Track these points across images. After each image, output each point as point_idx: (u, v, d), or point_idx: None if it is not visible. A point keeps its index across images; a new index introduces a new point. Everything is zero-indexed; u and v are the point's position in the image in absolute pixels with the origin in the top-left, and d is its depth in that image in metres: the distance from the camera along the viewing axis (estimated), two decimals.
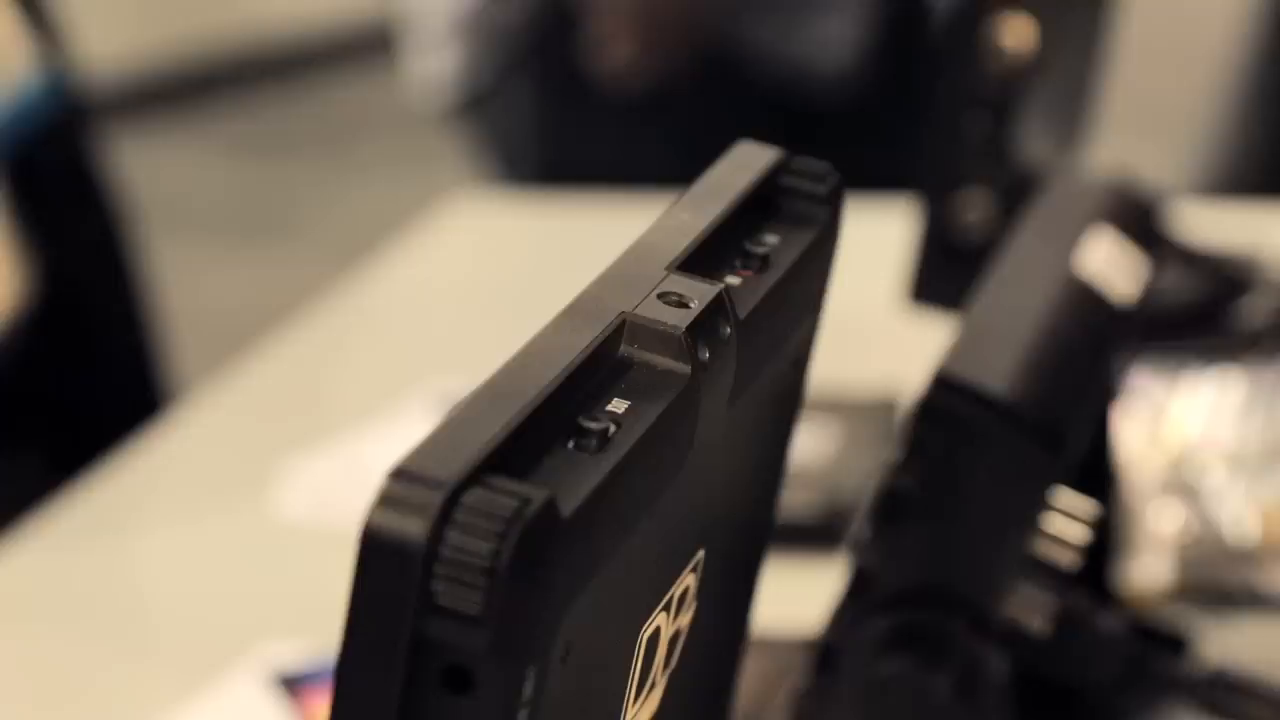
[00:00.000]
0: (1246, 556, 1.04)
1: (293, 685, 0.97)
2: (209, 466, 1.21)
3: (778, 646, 0.90)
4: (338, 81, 4.09)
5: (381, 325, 1.41)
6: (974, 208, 1.04)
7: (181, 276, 1.61)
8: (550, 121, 1.82)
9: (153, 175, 3.15)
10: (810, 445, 1.18)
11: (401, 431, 1.21)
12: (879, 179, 1.25)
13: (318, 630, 1.01)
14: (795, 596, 0.86)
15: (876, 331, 1.21)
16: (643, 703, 0.54)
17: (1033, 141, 1.10)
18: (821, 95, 1.78)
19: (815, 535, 1.09)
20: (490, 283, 1.47)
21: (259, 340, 1.40)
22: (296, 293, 1.75)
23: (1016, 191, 1.02)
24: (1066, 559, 0.77)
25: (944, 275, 1.04)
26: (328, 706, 0.95)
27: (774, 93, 1.78)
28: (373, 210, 3.23)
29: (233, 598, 1.07)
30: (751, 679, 0.95)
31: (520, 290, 1.42)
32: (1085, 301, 0.81)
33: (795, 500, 1.12)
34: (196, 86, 4.03)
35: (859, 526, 0.74)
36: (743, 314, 0.54)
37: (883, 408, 1.21)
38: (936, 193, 1.05)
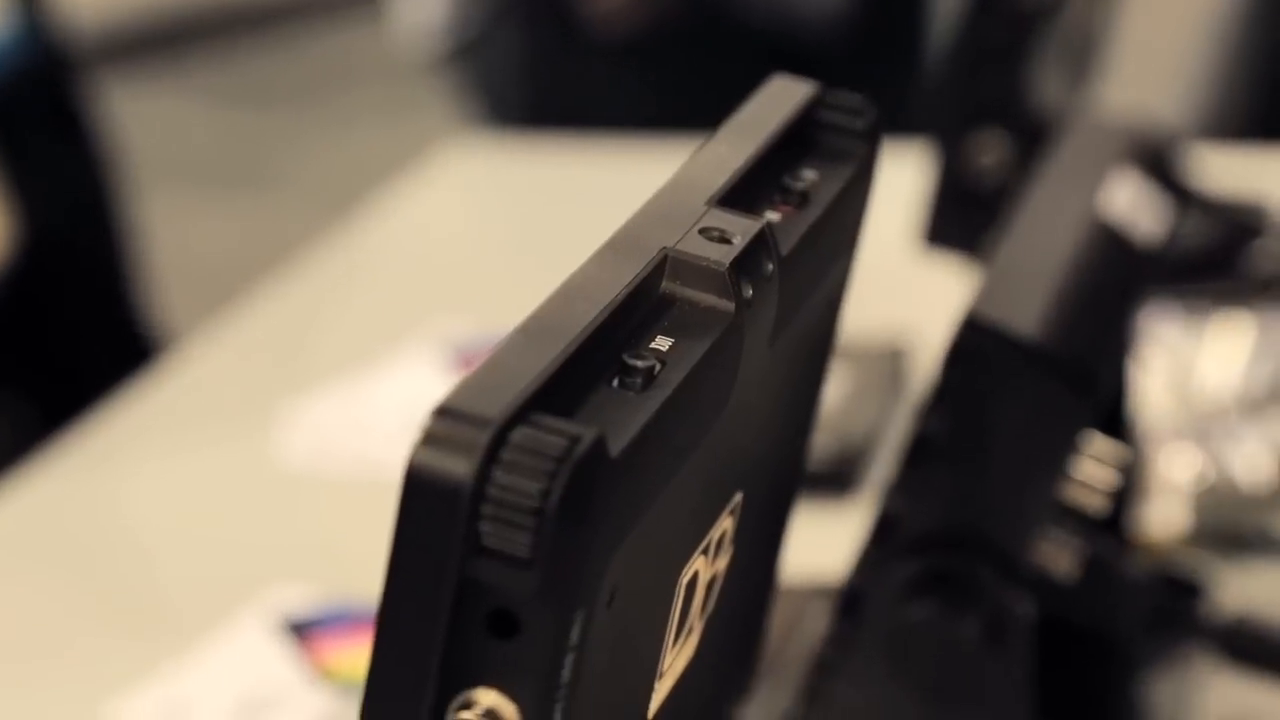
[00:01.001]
0: (1262, 501, 1.03)
1: (301, 631, 0.95)
2: (207, 411, 1.20)
3: (790, 593, 0.89)
4: (324, 29, 4.06)
5: (379, 271, 1.39)
6: (989, 151, 1.03)
7: (166, 226, 1.59)
8: (539, 67, 1.80)
9: (137, 125, 3.12)
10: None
11: (401, 376, 1.20)
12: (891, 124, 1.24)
13: (323, 575, 1.00)
14: (804, 543, 0.85)
15: (885, 277, 1.19)
16: (680, 648, 0.53)
17: (1046, 84, 1.08)
18: (811, 39, 1.76)
19: (824, 481, 1.08)
20: (486, 227, 1.45)
21: (248, 288, 1.39)
22: (283, 242, 1.74)
23: (1031, 134, 1.01)
24: (1094, 504, 0.75)
25: (958, 218, 1.03)
26: (340, 653, 0.94)
27: (763, 37, 1.76)
28: (359, 159, 3.21)
29: (235, 543, 1.06)
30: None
31: (516, 234, 1.40)
32: (1112, 244, 0.80)
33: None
34: (181, 35, 4.00)
35: (889, 471, 0.73)
36: (784, 250, 0.52)
37: (892, 354, 1.19)
38: (951, 136, 1.03)
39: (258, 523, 1.08)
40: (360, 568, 1.01)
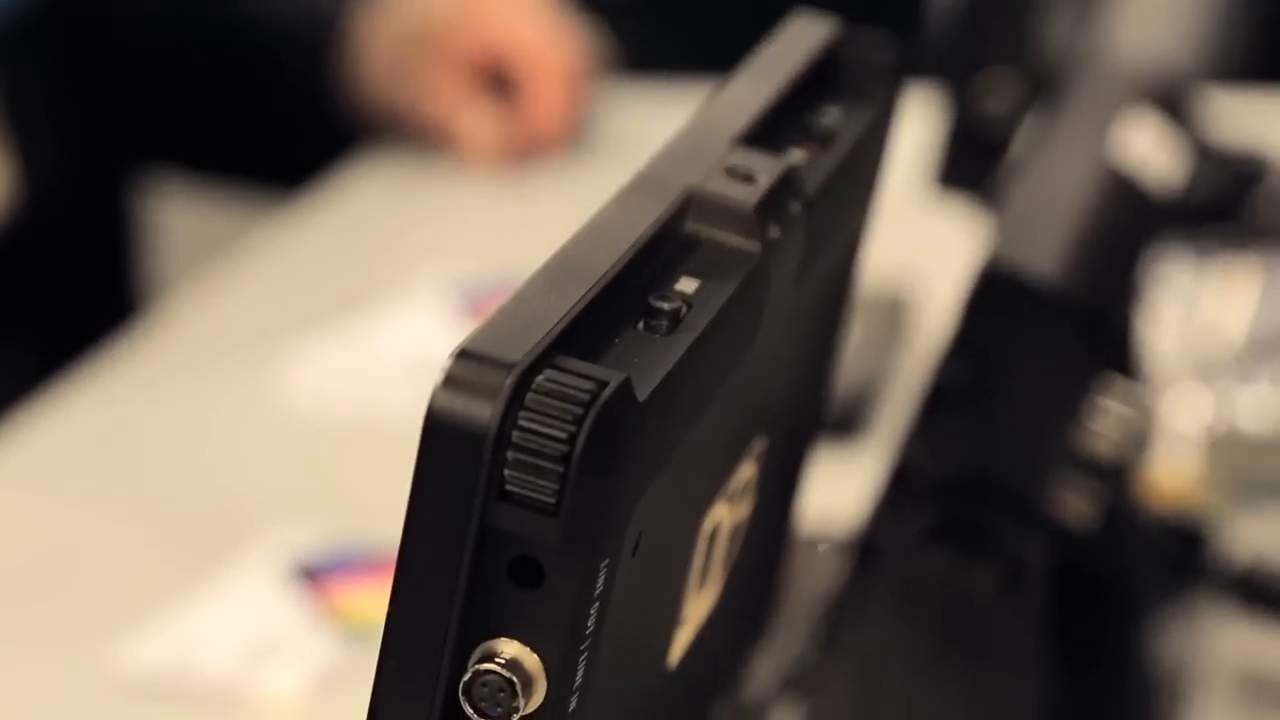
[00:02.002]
0: (1272, 448, 1.02)
1: (309, 574, 0.94)
2: (211, 355, 1.19)
3: (801, 541, 0.88)
4: None
5: (385, 212, 1.38)
6: (998, 92, 1.02)
7: (171, 181, 1.57)
8: None
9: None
10: None
11: (407, 318, 1.19)
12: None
13: (329, 518, 0.99)
14: (808, 488, 0.84)
15: (887, 224, 1.18)
16: (701, 596, 0.52)
17: (1054, 24, 1.07)
18: None
19: (828, 427, 1.07)
20: (495, 168, 1.43)
21: (250, 233, 1.37)
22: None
23: (1040, 75, 0.99)
24: (1109, 451, 0.74)
25: (968, 161, 1.01)
26: (349, 596, 0.93)
27: None
28: None
29: (241, 486, 1.05)
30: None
31: (526, 176, 1.39)
32: (1126, 190, 0.79)
33: None
34: None
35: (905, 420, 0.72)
36: (810, 190, 0.51)
37: (895, 301, 1.18)
38: (961, 78, 1.02)
39: (263, 466, 1.07)
40: (367, 511, 1.01)
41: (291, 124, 1.45)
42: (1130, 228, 0.78)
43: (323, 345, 1.16)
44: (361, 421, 1.09)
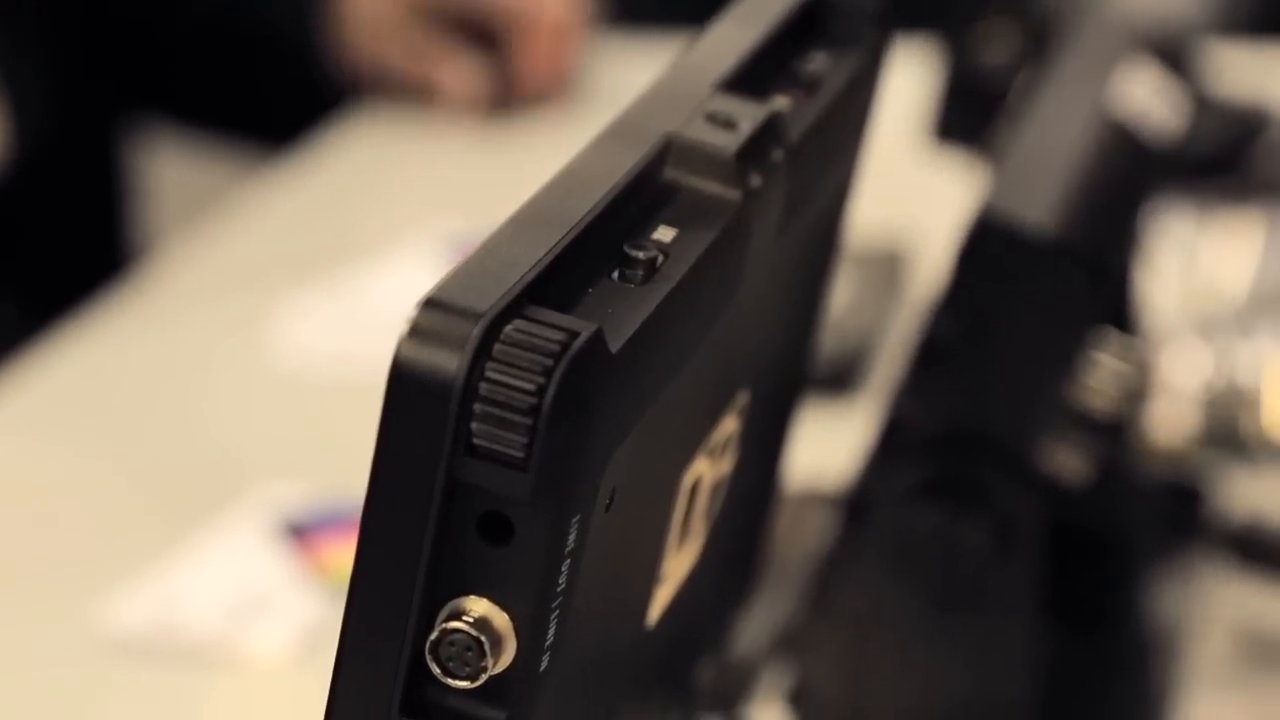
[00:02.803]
0: (1271, 406, 1.01)
1: (296, 530, 0.93)
2: (199, 310, 1.17)
3: (790, 497, 0.87)
4: None
5: (375, 168, 1.37)
6: (996, 43, 1.00)
7: (167, 138, 1.56)
8: None
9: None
10: None
11: (399, 273, 1.17)
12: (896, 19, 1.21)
13: (318, 475, 0.98)
14: (801, 444, 0.83)
15: (884, 178, 1.17)
16: (682, 553, 0.51)
17: None
18: None
19: (821, 383, 1.05)
20: (487, 121, 1.42)
21: (241, 188, 1.36)
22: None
23: (1039, 25, 0.98)
24: (1105, 407, 0.73)
25: (967, 113, 1.00)
26: (336, 553, 0.92)
27: None
28: None
29: (229, 442, 1.04)
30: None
31: (518, 133, 1.37)
32: (1123, 141, 0.78)
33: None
34: None
35: (897, 374, 0.71)
36: (793, 138, 0.50)
37: (891, 255, 1.17)
38: (959, 28, 1.00)
39: (252, 421, 1.06)
40: (355, 467, 0.98)
41: (280, 82, 1.44)
42: (1128, 178, 0.76)
43: (313, 300, 1.15)
44: (350, 377, 1.07)
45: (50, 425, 1.07)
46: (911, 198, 1.13)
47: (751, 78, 0.51)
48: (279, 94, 1.45)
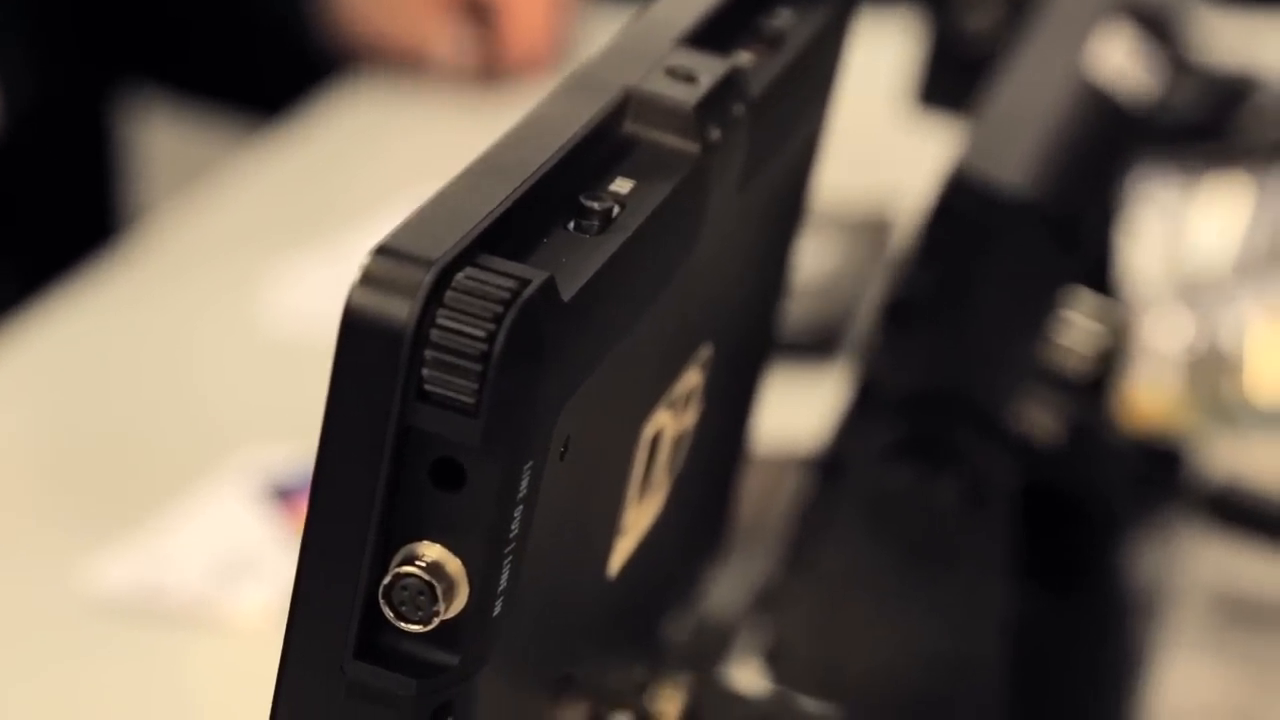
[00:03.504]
0: (1253, 371, 1.01)
1: (282, 494, 0.94)
2: (194, 274, 1.18)
3: (771, 461, 0.88)
4: None
5: (367, 136, 1.37)
6: (980, 9, 1.00)
7: (159, 112, 1.57)
8: None
9: None
10: (809, 260, 1.15)
11: None
12: None
13: (306, 438, 0.98)
14: (787, 409, 0.83)
15: (874, 145, 1.17)
16: (646, 504, 0.51)
17: None
18: None
19: (807, 349, 1.06)
20: (483, 90, 1.42)
21: (233, 156, 1.36)
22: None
23: None
24: (1078, 367, 0.74)
25: (950, 77, 1.00)
26: None
27: None
28: None
29: (219, 405, 1.04)
30: (746, 494, 0.93)
31: (508, 102, 1.38)
32: (1099, 102, 0.78)
33: (792, 315, 1.09)
34: None
35: (869, 334, 0.71)
36: (755, 93, 0.50)
37: (879, 221, 1.17)
38: None
39: (240, 385, 1.06)
40: None
41: (272, 51, 1.44)
42: (1103, 140, 0.76)
43: (304, 266, 1.15)
44: None
45: (41, 389, 1.07)
46: (897, 164, 1.13)
47: (714, 33, 0.51)
48: (271, 63, 1.45)
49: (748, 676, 0.74)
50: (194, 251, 1.21)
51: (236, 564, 0.90)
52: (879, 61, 1.13)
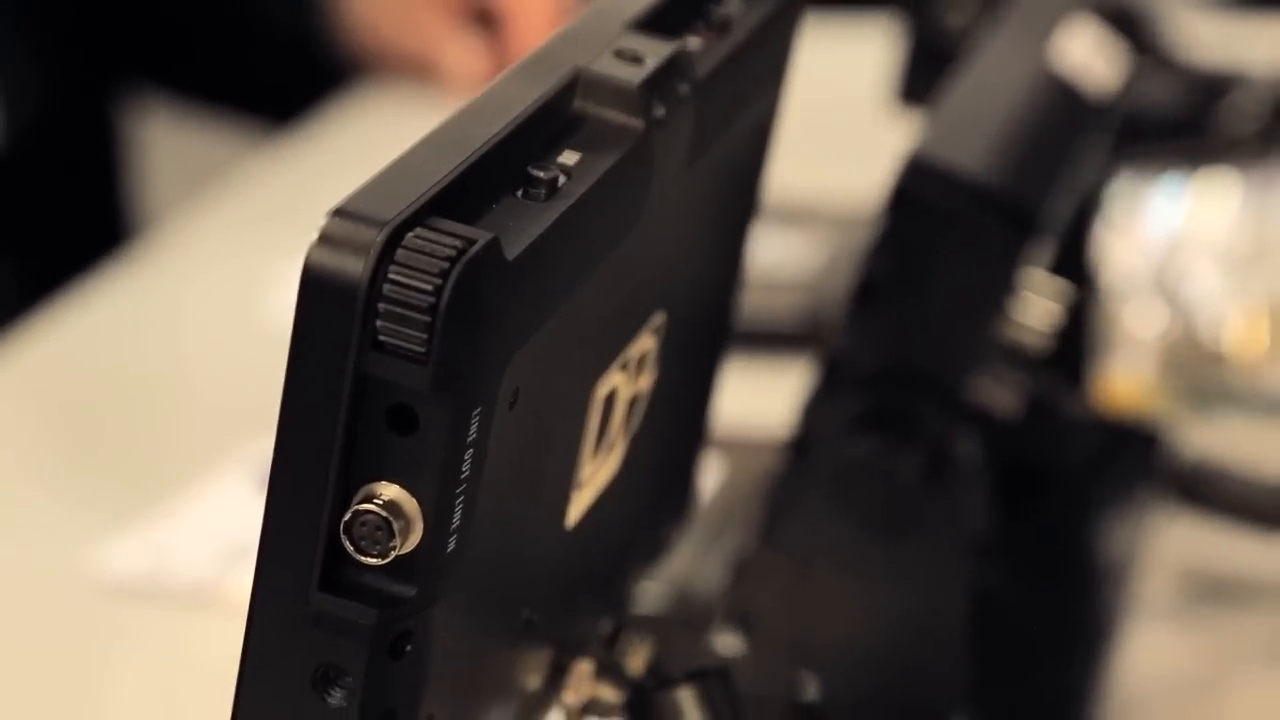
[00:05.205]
0: (1230, 358, 1.04)
1: None
2: (200, 277, 1.22)
3: (758, 448, 0.91)
4: None
5: (375, 145, 1.40)
6: (959, 7, 1.03)
7: (165, 118, 1.60)
8: None
9: None
10: (799, 254, 1.18)
11: None
12: None
13: None
14: (776, 399, 0.86)
15: (865, 144, 1.20)
16: (602, 461, 0.54)
17: None
18: None
19: (796, 340, 1.09)
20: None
21: (241, 162, 1.40)
22: None
23: None
24: (1036, 344, 0.77)
25: (931, 75, 1.03)
26: None
27: None
28: None
29: (223, 399, 1.08)
30: (732, 479, 0.96)
31: None
32: (1060, 93, 0.81)
33: (780, 307, 1.13)
34: None
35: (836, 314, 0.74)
36: (701, 74, 0.53)
37: (865, 218, 1.20)
38: None
39: (245, 381, 1.10)
40: None
41: (282, 60, 1.48)
42: (1060, 129, 0.80)
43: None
44: None
45: (52, 385, 1.11)
46: (881, 161, 1.17)
47: (664, 19, 0.54)
48: (280, 72, 1.48)
49: (723, 645, 0.77)
50: (201, 253, 1.25)
51: (240, 547, 0.94)
52: (862, 62, 1.16)
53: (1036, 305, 0.76)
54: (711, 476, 0.93)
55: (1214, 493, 0.88)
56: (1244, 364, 1.04)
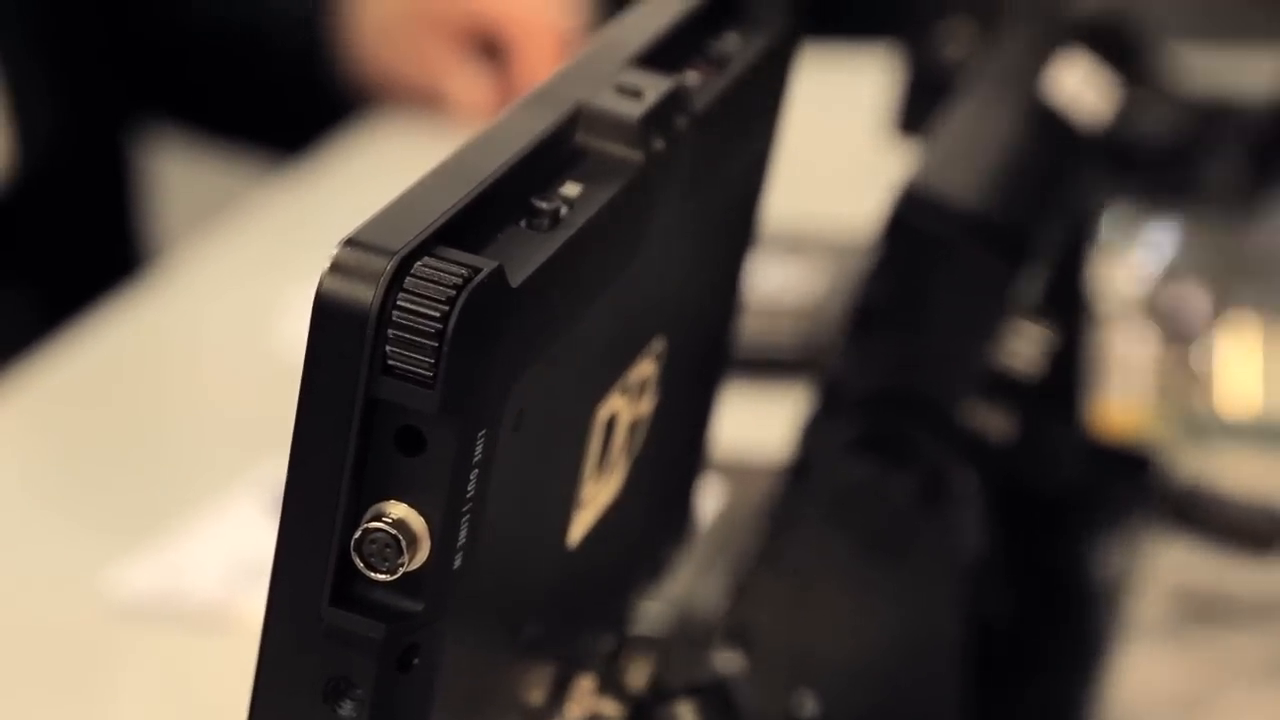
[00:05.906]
0: (1222, 385, 1.06)
1: None
2: (212, 305, 1.24)
3: (758, 472, 0.92)
4: None
5: (383, 177, 1.42)
6: (957, 40, 1.05)
7: (174, 148, 1.62)
8: None
9: None
10: (798, 281, 1.20)
11: None
12: (860, 26, 1.27)
13: None
14: (778, 426, 0.88)
15: (859, 173, 1.22)
16: (604, 482, 0.56)
17: None
18: None
19: (800, 368, 1.11)
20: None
21: (251, 194, 1.42)
22: None
23: (999, 21, 1.03)
24: (1029, 370, 0.78)
25: (929, 106, 1.05)
26: None
27: None
28: None
29: (236, 422, 1.10)
30: (732, 501, 0.98)
31: None
32: (1050, 123, 0.83)
33: (780, 334, 1.15)
34: None
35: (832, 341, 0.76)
36: (699, 108, 0.55)
37: (864, 247, 1.22)
38: (920, 23, 1.05)
39: (257, 407, 1.11)
40: None
41: (290, 91, 1.50)
42: (1053, 161, 0.82)
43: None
44: None
45: (67, 410, 1.13)
46: (880, 191, 1.18)
47: (663, 54, 0.57)
48: (288, 103, 1.50)
49: (723, 663, 0.78)
50: (214, 281, 1.27)
51: (252, 569, 0.96)
52: (860, 92, 1.18)
53: (1031, 332, 0.78)
54: (712, 499, 0.95)
55: (1206, 516, 0.90)
56: (1236, 392, 1.05)
